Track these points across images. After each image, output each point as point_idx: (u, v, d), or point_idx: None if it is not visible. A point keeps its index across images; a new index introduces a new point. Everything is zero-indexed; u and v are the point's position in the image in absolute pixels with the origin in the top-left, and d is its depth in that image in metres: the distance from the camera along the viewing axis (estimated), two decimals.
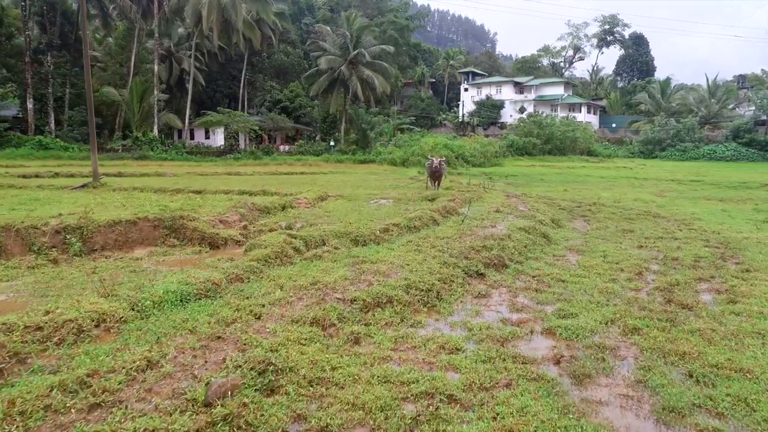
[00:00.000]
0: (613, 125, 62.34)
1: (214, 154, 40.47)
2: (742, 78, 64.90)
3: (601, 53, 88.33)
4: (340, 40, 43.65)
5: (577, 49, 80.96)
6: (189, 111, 45.63)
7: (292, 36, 58.58)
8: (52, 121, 40.25)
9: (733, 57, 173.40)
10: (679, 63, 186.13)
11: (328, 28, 46.65)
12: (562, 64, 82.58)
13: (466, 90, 68.77)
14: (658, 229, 11.20)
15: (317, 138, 48.59)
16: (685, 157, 44.60)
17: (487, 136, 48.27)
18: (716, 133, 49.61)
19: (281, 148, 47.03)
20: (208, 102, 51.97)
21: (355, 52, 42.24)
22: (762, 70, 64.39)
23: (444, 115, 65.76)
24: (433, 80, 75.52)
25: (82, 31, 20.26)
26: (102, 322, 4.66)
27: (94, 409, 3.29)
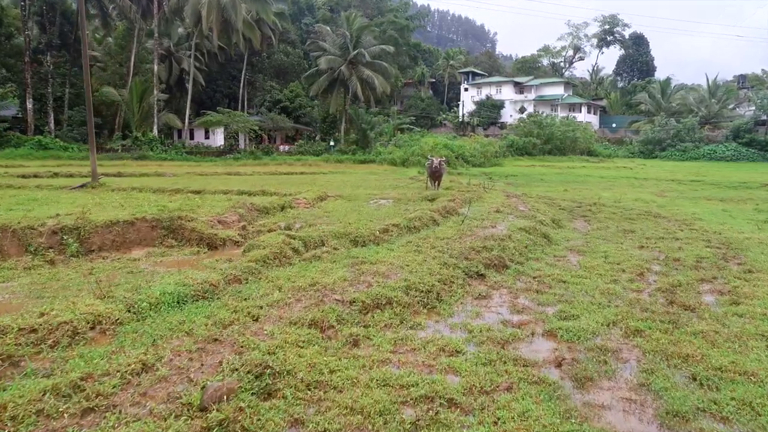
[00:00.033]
0: (613, 125, 62.33)
1: (214, 154, 40.42)
2: (742, 78, 64.90)
3: (601, 53, 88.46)
4: (340, 40, 43.62)
5: (577, 49, 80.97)
6: (189, 111, 45.60)
7: (292, 36, 58.54)
8: (52, 121, 40.20)
9: (735, 57, 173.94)
10: (681, 63, 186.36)
11: (328, 28, 46.62)
12: (562, 64, 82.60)
13: (466, 90, 68.73)
14: (659, 230, 11.13)
15: (317, 138, 48.55)
16: (686, 157, 44.59)
17: (487, 136, 48.22)
18: (716, 133, 49.59)
19: (281, 148, 46.97)
20: (208, 102, 51.93)
21: (355, 52, 42.20)
22: (762, 70, 64.59)
23: (444, 115, 65.72)
24: (433, 80, 75.48)
25: (81, 31, 20.21)
26: (97, 324, 4.60)
27: (88, 413, 3.24)
